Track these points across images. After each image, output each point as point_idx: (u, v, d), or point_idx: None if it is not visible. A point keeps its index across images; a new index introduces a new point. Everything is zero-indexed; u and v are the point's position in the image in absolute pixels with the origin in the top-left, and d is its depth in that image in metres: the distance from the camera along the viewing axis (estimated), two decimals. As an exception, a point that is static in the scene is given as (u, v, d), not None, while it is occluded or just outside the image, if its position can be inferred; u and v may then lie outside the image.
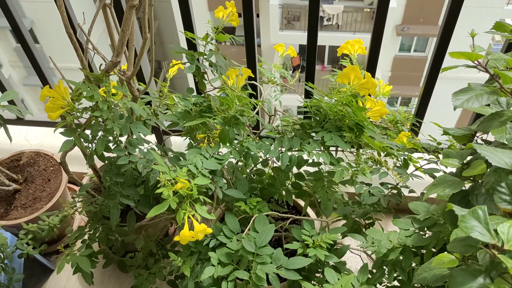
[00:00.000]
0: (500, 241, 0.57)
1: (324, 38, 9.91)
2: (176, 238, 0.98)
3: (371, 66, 1.38)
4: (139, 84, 1.34)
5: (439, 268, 0.81)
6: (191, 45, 1.37)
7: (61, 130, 1.09)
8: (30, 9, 9.56)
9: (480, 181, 0.82)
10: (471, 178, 0.86)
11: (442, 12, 9.35)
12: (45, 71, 1.66)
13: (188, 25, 1.36)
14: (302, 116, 1.36)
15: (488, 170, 0.74)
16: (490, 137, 0.90)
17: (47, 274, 1.63)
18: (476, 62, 0.71)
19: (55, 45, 9.84)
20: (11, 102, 1.71)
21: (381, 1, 1.22)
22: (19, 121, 1.87)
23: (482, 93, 0.71)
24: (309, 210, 1.40)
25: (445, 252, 0.73)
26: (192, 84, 1.22)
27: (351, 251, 1.25)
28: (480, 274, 0.59)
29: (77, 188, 1.81)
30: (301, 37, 10.13)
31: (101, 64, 1.05)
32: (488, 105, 0.83)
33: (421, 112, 1.49)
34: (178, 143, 1.89)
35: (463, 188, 0.84)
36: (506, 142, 0.75)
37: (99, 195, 1.35)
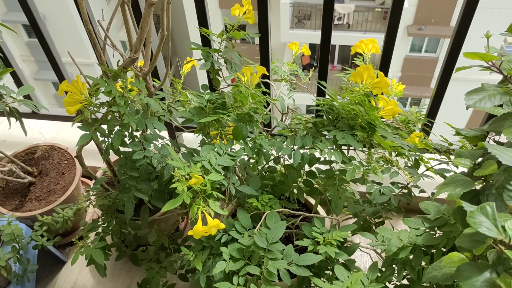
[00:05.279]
0: (508, 237, 0.58)
1: (335, 38, 9.81)
2: (189, 233, 0.99)
3: (384, 65, 1.39)
4: (153, 81, 1.36)
5: (449, 267, 0.82)
6: (206, 42, 1.39)
7: (78, 124, 1.11)
8: (41, 3, 9.62)
9: (491, 181, 0.82)
10: (482, 178, 0.86)
11: (454, 13, 9.30)
12: (61, 66, 1.68)
13: (203, 21, 1.38)
14: (312, 115, 1.37)
15: (498, 169, 0.74)
16: (503, 139, 0.91)
17: (59, 266, 1.65)
18: (490, 63, 0.72)
19: (65, 41, 9.89)
20: (27, 97, 1.74)
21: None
22: (34, 115, 1.90)
23: (495, 93, 0.72)
24: (319, 209, 1.41)
25: (455, 251, 0.74)
26: (202, 81, 1.24)
27: (360, 250, 1.26)
28: (486, 268, 0.60)
29: (90, 182, 1.84)
30: (312, 36, 10.12)
31: (118, 60, 1.06)
32: (501, 106, 0.83)
33: (433, 112, 1.50)
34: (190, 139, 1.91)
35: (474, 188, 0.85)
36: (518, 143, 0.76)
37: (113, 189, 1.37)
